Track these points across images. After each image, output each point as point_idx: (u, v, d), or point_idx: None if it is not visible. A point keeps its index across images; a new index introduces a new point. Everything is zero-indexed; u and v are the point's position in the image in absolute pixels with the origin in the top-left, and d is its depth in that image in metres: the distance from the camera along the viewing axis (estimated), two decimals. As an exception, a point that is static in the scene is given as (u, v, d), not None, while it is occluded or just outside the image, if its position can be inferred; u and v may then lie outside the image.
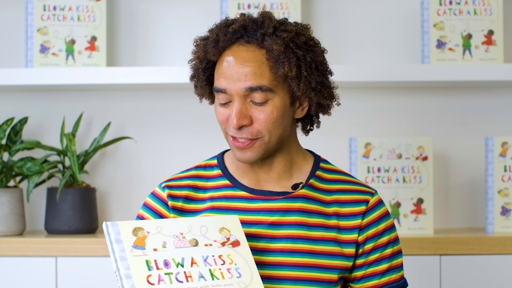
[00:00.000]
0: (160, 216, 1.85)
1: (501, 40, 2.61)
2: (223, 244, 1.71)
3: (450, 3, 2.62)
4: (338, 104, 1.86)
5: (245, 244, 1.73)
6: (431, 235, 2.51)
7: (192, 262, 1.67)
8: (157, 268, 1.65)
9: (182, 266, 1.67)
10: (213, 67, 1.82)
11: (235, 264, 1.69)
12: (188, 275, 1.66)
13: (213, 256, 1.69)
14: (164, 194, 1.86)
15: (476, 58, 2.61)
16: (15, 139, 2.62)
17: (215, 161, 1.89)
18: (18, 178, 2.66)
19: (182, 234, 1.71)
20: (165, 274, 1.65)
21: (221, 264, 1.68)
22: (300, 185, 1.84)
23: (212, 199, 1.84)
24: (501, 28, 2.61)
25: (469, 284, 2.45)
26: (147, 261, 1.66)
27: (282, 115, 1.77)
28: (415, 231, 2.56)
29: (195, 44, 1.84)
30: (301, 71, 1.76)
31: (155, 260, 1.66)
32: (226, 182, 1.85)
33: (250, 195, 1.82)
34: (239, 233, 1.74)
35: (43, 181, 2.66)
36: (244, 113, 1.74)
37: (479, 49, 2.61)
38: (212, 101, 1.88)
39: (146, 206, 1.88)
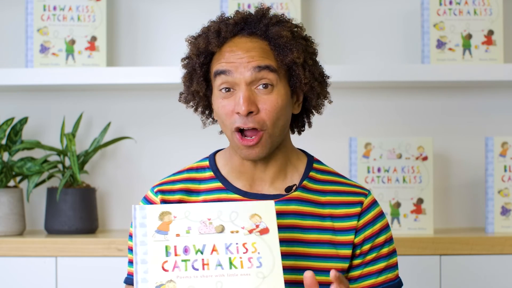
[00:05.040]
0: None
1: (501, 40, 2.61)
2: (250, 231, 1.66)
3: (450, 3, 2.62)
4: (330, 102, 1.85)
5: (274, 232, 1.67)
6: (431, 235, 2.51)
7: (213, 250, 1.64)
8: (175, 255, 1.62)
9: (202, 253, 1.63)
10: (209, 63, 1.78)
11: (258, 253, 1.64)
12: (205, 262, 1.62)
13: (236, 244, 1.65)
14: (157, 199, 1.82)
15: (476, 58, 2.61)
16: (15, 139, 2.63)
17: (206, 163, 1.85)
18: (18, 178, 2.66)
19: (209, 219, 1.67)
20: (182, 261, 1.62)
21: (243, 253, 1.64)
22: (294, 187, 1.81)
23: (205, 202, 1.80)
24: (501, 28, 2.61)
25: (469, 284, 2.45)
26: (166, 247, 1.63)
27: (286, 105, 1.75)
28: (415, 231, 2.56)
29: (189, 41, 1.81)
30: (306, 60, 1.75)
31: (175, 246, 1.63)
32: (218, 184, 1.81)
33: (243, 198, 1.79)
34: (270, 220, 1.68)
35: (43, 181, 2.66)
36: (251, 99, 1.71)
37: (479, 49, 2.61)
38: (205, 105, 1.84)
39: None
